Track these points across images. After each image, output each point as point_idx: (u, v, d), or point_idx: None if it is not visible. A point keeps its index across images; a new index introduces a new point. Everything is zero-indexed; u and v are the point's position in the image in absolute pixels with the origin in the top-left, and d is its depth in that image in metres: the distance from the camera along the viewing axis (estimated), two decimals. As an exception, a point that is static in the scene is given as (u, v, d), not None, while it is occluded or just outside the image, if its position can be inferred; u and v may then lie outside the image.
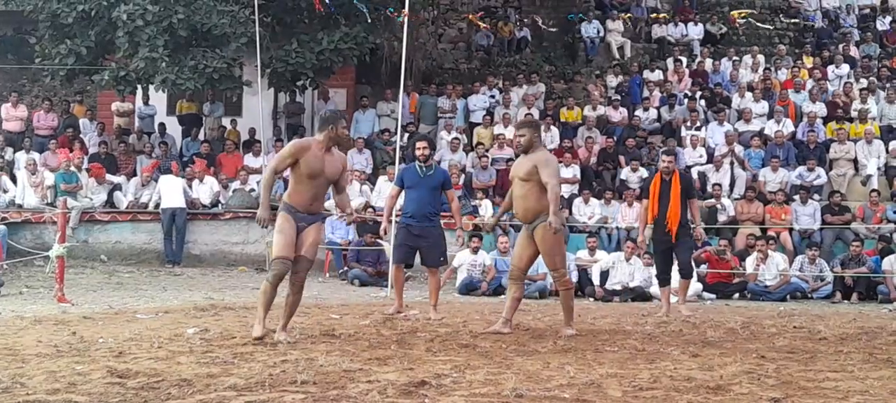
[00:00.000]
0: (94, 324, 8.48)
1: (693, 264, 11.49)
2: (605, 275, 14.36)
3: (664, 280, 11.09)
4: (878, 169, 17.34)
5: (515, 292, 8.39)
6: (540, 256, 8.31)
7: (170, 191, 16.36)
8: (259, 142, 18.10)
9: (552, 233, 7.87)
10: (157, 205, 16.43)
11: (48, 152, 17.83)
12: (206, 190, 17.10)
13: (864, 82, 20.45)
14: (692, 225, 10.92)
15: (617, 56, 23.07)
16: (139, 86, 18.58)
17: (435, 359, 6.59)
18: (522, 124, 8.66)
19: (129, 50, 16.89)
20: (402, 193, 9.94)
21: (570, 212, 16.47)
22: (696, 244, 12.01)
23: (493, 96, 20.31)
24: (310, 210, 7.51)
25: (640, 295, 13.86)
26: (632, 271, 14.14)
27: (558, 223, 7.81)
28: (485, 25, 22.72)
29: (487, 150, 18.15)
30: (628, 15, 24.20)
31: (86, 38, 17.38)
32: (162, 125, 19.50)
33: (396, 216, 10.44)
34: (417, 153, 9.83)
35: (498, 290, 13.74)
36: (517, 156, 8.53)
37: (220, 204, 17.01)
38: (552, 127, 18.99)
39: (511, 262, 8.48)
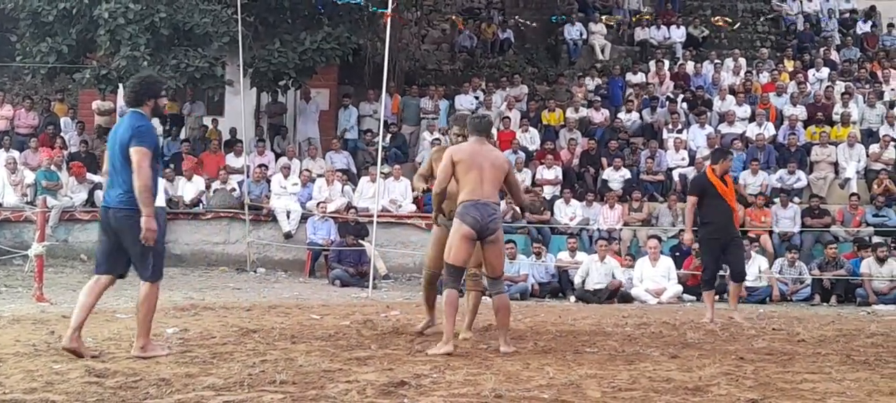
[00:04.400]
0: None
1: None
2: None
3: (712, 283, 10.58)
4: (858, 172, 17.46)
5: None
6: (519, 258, 8.24)
7: (151, 191, 16.27)
8: (241, 141, 18.04)
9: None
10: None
11: (28, 151, 17.72)
12: (192, 188, 17.04)
13: (844, 86, 20.57)
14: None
15: (600, 58, 23.14)
16: (120, 85, 18.47)
17: (415, 359, 6.60)
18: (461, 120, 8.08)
19: (110, 48, 16.80)
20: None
21: (552, 213, 16.51)
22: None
23: (477, 97, 20.34)
24: None
25: (623, 296, 13.90)
26: (609, 271, 14.14)
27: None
28: (461, 26, 22.70)
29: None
30: (612, 17, 24.28)
31: (67, 37, 17.28)
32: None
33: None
34: None
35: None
36: None
37: (201, 204, 16.96)
38: (532, 128, 19.05)
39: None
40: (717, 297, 11.09)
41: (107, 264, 6.64)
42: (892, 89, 20.98)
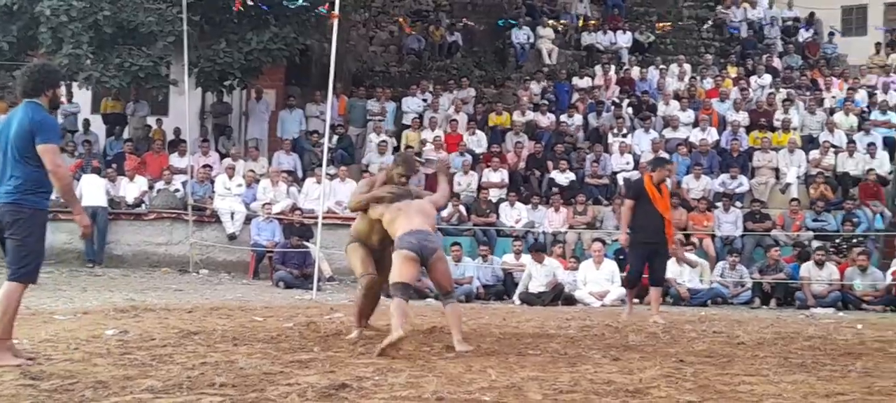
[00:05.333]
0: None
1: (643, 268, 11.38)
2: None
3: (634, 283, 11.23)
4: (798, 178, 17.74)
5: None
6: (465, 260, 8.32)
7: (91, 190, 16.04)
8: (184, 141, 17.87)
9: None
10: (79, 204, 16.11)
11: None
12: (134, 189, 16.84)
13: (785, 93, 20.90)
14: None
15: (547, 62, 23.28)
16: (62, 84, 18.22)
17: (357, 362, 6.57)
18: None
19: (52, 46, 16.56)
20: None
21: (498, 216, 16.57)
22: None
23: (425, 99, 20.35)
24: None
25: (567, 298, 13.97)
26: (550, 272, 14.20)
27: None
28: (409, 29, 22.68)
29: (417, 154, 18.15)
30: (559, 22, 24.43)
31: (7, 33, 17.01)
32: (86, 122, 19.16)
33: None
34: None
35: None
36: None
37: (143, 205, 16.76)
38: (479, 131, 19.13)
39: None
40: (636, 300, 11.88)
41: None
42: (833, 97, 21.38)
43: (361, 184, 8.61)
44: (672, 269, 14.65)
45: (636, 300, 11.93)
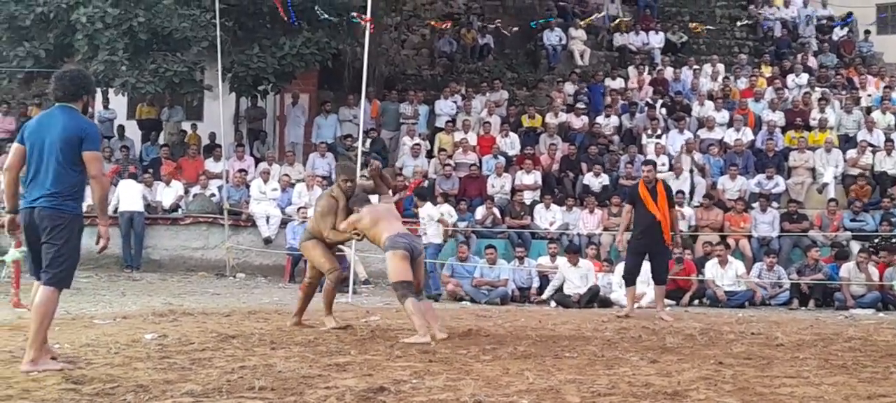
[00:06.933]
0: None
1: (636, 266, 11.96)
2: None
3: (631, 280, 11.80)
4: (835, 177, 17.55)
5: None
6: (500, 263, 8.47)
7: (128, 196, 16.19)
8: (219, 146, 17.99)
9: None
10: (116, 210, 16.28)
11: (5, 155, 17.56)
12: (171, 193, 16.97)
13: (821, 92, 20.68)
14: (671, 234, 11.60)
15: (579, 63, 23.21)
16: (98, 90, 18.42)
17: (394, 365, 6.58)
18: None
19: (88, 53, 16.73)
20: None
21: (532, 219, 16.53)
22: (671, 252, 12.26)
23: (456, 102, 20.35)
24: None
25: (603, 301, 13.91)
26: (583, 275, 14.12)
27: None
28: (446, 24, 22.63)
29: (450, 156, 18.17)
30: (590, 20, 24.35)
31: (44, 41, 17.20)
32: (121, 127, 19.34)
33: None
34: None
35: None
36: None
37: (180, 209, 16.88)
38: (512, 133, 19.10)
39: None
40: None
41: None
42: (869, 95, 21.13)
43: (326, 211, 8.88)
44: (711, 271, 14.60)
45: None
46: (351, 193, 8.82)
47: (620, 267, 14.42)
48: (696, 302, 14.39)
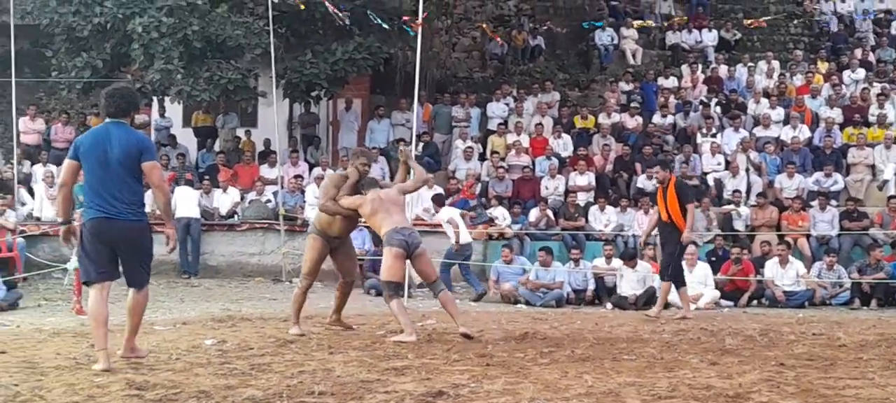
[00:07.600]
0: (112, 337, 8.45)
1: (678, 267, 12.05)
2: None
3: (679, 281, 11.99)
4: (896, 174, 17.25)
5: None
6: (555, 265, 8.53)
7: (185, 202, 16.38)
8: (274, 152, 18.13)
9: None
10: (173, 216, 16.45)
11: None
12: (227, 200, 17.14)
13: (879, 87, 20.33)
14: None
15: (632, 63, 23.06)
16: (155, 99, 18.66)
17: (452, 369, 6.58)
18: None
19: (144, 62, 16.97)
20: None
21: (586, 220, 16.45)
22: (679, 248, 12.02)
23: (508, 104, 20.32)
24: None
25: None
26: (641, 278, 14.00)
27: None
28: (496, 36, 22.61)
29: (502, 159, 18.14)
30: (643, 23, 24.17)
31: (101, 51, 17.46)
32: (172, 136, 19.57)
33: None
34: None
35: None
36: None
37: (236, 216, 17.05)
38: (565, 134, 19.03)
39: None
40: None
41: (108, 271, 6.73)
42: (929, 89, 20.71)
43: (329, 184, 8.98)
44: (771, 270, 14.39)
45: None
46: (364, 176, 8.91)
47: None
48: (755, 302, 14.19)
